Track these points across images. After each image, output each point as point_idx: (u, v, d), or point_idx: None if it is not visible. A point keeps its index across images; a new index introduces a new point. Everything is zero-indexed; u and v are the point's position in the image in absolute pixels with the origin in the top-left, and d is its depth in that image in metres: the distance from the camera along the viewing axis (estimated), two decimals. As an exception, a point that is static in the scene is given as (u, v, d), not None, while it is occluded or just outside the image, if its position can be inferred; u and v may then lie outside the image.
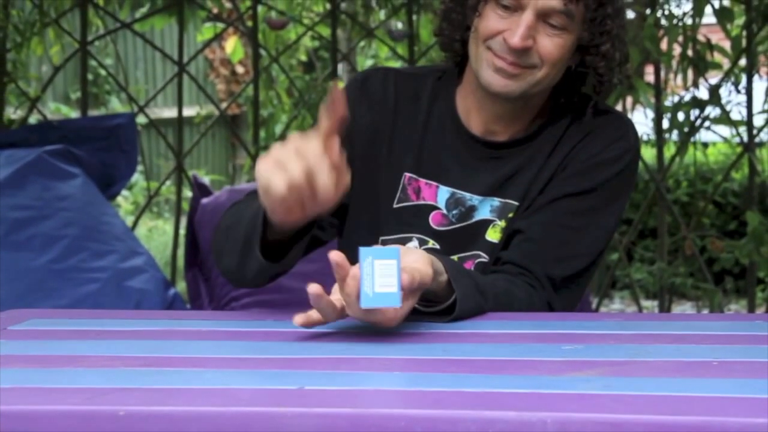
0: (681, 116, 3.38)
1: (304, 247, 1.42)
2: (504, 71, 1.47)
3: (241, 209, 1.45)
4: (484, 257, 1.54)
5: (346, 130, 1.57)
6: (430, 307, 1.30)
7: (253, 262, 1.36)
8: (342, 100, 1.26)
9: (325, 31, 4.05)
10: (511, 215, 1.54)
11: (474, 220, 1.55)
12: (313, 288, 1.17)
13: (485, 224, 1.55)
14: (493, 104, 1.54)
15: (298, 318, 1.21)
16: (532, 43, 1.46)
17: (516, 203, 1.54)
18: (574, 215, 1.52)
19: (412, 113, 1.59)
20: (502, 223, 1.55)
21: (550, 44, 1.46)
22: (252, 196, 1.53)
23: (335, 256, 1.17)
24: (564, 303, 1.51)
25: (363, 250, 1.15)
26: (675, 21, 3.24)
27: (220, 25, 4.32)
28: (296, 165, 1.21)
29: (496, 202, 1.55)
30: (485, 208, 1.55)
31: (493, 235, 1.55)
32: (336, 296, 1.21)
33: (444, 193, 1.56)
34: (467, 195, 1.55)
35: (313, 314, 1.20)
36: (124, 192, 6.78)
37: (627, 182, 1.57)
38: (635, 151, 1.56)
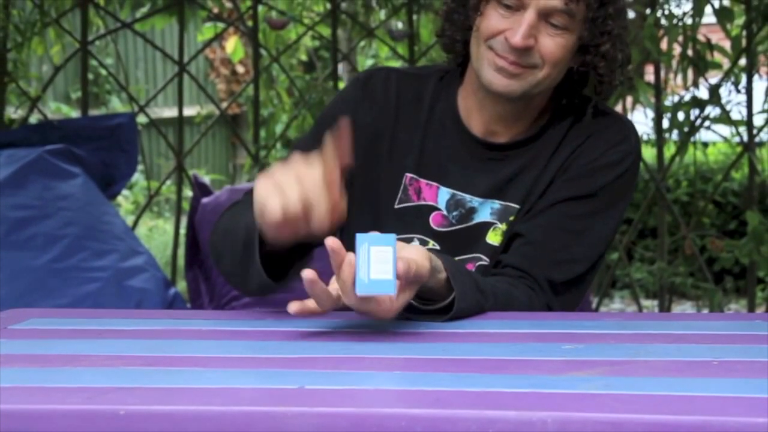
0: (681, 116, 3.38)
1: (303, 267, 1.42)
2: (505, 71, 1.47)
3: (239, 213, 1.44)
4: (485, 260, 1.54)
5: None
6: (429, 305, 1.30)
7: (255, 278, 1.35)
8: (347, 141, 1.26)
9: (326, 31, 4.06)
10: (512, 218, 1.54)
11: (474, 222, 1.55)
12: (308, 273, 1.17)
13: (485, 227, 1.55)
14: (494, 105, 1.53)
15: (293, 305, 1.21)
16: (533, 43, 1.45)
17: (517, 206, 1.54)
18: (574, 219, 1.52)
19: (414, 113, 1.59)
20: (503, 226, 1.54)
21: (552, 44, 1.46)
22: (250, 196, 1.53)
23: (331, 242, 1.16)
24: (564, 306, 1.51)
25: (359, 237, 1.15)
26: (675, 21, 3.24)
27: (221, 25, 4.33)
28: (295, 192, 1.21)
29: (497, 204, 1.55)
30: (485, 211, 1.55)
31: (493, 238, 1.55)
32: (332, 286, 1.21)
33: (444, 194, 1.56)
34: (467, 197, 1.55)
35: (309, 303, 1.20)
36: (125, 191, 6.78)
37: (627, 186, 1.56)
38: (636, 154, 1.56)
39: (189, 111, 4.90)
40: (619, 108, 3.44)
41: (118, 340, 1.21)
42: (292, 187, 1.22)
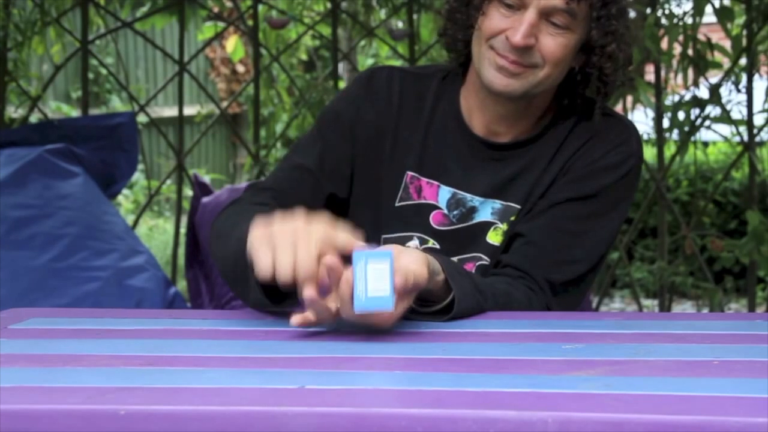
0: (681, 115, 3.39)
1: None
2: (506, 70, 1.47)
3: (235, 215, 1.44)
4: (485, 260, 1.54)
5: (350, 128, 1.57)
6: (428, 307, 1.30)
7: (252, 296, 1.32)
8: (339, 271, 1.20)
9: (326, 31, 4.06)
10: (513, 218, 1.54)
11: (474, 221, 1.55)
12: (308, 293, 1.17)
13: (486, 226, 1.55)
14: (496, 104, 1.53)
15: (295, 318, 1.21)
16: (534, 42, 1.45)
17: (518, 206, 1.54)
18: (575, 220, 1.52)
19: (416, 112, 1.59)
20: (503, 226, 1.54)
21: (553, 43, 1.46)
22: (250, 192, 1.54)
23: (329, 260, 1.16)
24: (563, 307, 1.51)
25: (356, 254, 1.15)
26: (675, 20, 3.24)
27: (221, 24, 4.33)
28: (288, 263, 1.18)
29: (498, 204, 1.55)
30: (486, 210, 1.55)
31: (494, 238, 1.54)
32: (331, 299, 1.21)
33: (445, 193, 1.56)
34: (468, 196, 1.55)
35: (310, 315, 1.20)
36: (125, 191, 6.79)
37: (628, 188, 1.56)
38: (637, 157, 1.56)
39: (189, 110, 4.90)
40: (619, 108, 3.44)
41: (119, 339, 1.21)
42: (287, 257, 1.18)
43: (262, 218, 1.25)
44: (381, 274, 1.14)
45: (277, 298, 1.29)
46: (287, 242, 1.19)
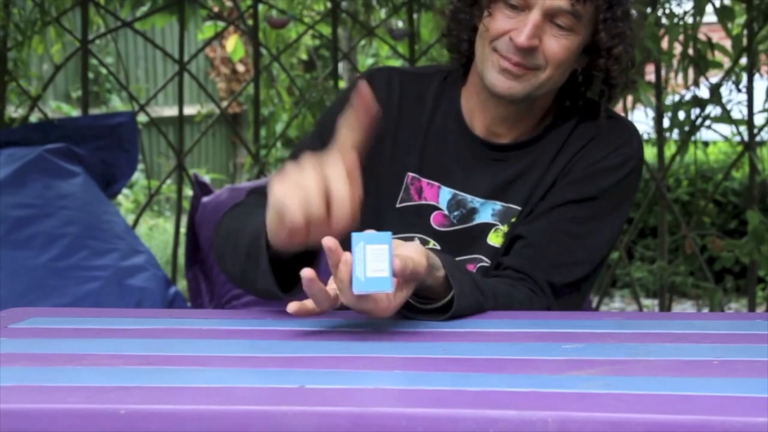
0: (682, 115, 3.39)
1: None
2: (509, 72, 1.47)
3: (242, 215, 1.44)
4: (486, 261, 1.54)
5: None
6: (428, 305, 1.30)
7: (261, 285, 1.32)
8: (369, 94, 1.24)
9: (326, 30, 4.06)
10: (513, 220, 1.54)
11: (475, 222, 1.55)
12: (306, 272, 1.16)
13: (487, 228, 1.55)
14: (497, 106, 1.53)
15: (292, 305, 1.20)
16: (537, 43, 1.45)
17: (518, 208, 1.54)
18: (575, 222, 1.52)
19: (416, 113, 1.58)
20: (504, 228, 1.54)
21: (556, 45, 1.46)
22: (253, 196, 1.53)
23: (328, 241, 1.16)
24: (565, 309, 1.51)
25: (355, 236, 1.15)
26: (676, 20, 3.24)
27: (221, 24, 4.33)
28: (316, 195, 1.18)
29: (498, 205, 1.54)
30: (486, 212, 1.55)
31: (495, 239, 1.54)
32: (330, 285, 1.21)
33: (446, 194, 1.56)
34: (468, 197, 1.55)
35: (308, 303, 1.20)
36: (125, 190, 6.79)
37: (629, 190, 1.56)
38: (638, 158, 1.56)
39: (189, 110, 4.90)
40: (619, 107, 3.44)
41: (119, 339, 1.21)
42: (313, 190, 1.18)
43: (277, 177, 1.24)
44: (380, 255, 1.14)
45: (286, 288, 1.29)
46: (311, 178, 1.19)
